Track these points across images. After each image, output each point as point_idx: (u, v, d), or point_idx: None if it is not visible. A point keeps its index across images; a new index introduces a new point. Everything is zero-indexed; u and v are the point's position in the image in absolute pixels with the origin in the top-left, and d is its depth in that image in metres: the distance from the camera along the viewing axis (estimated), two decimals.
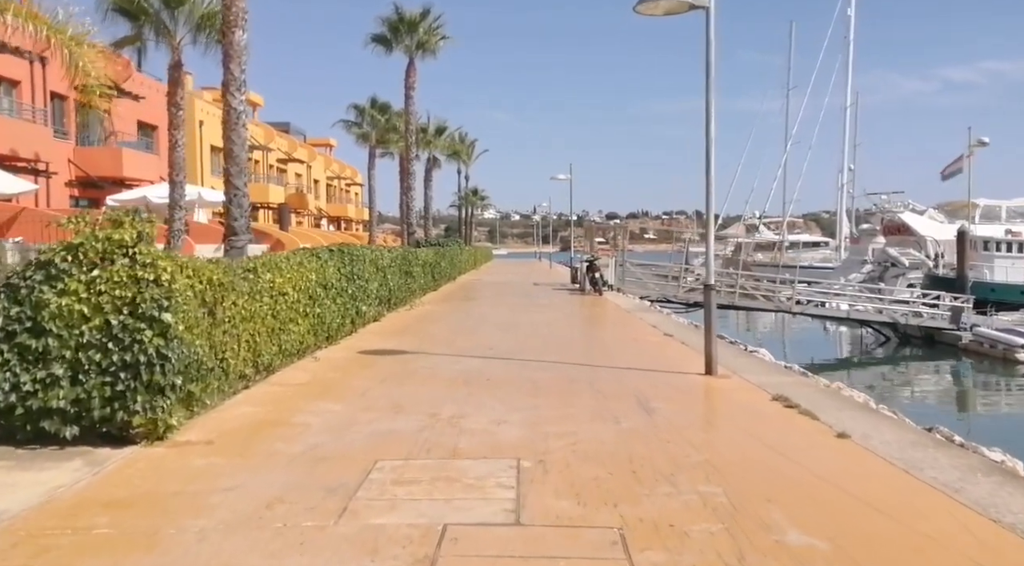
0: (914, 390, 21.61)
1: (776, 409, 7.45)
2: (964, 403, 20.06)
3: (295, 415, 7.01)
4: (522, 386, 8.53)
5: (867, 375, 24.16)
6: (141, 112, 28.81)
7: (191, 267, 6.50)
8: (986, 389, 22.01)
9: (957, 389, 22.02)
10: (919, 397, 20.37)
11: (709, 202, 9.59)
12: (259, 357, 8.21)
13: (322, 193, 58.13)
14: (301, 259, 10.05)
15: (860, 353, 30.33)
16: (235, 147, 15.01)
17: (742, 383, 8.93)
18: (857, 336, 33.00)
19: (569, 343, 12.37)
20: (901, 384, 22.70)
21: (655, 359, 10.78)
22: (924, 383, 22.89)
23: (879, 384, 22.18)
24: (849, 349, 31.73)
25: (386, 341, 12.26)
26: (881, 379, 23.66)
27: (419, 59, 30.60)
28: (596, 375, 9.31)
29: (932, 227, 41.36)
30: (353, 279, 12.40)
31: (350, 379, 8.92)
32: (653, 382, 8.87)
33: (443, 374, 9.29)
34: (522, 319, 16.18)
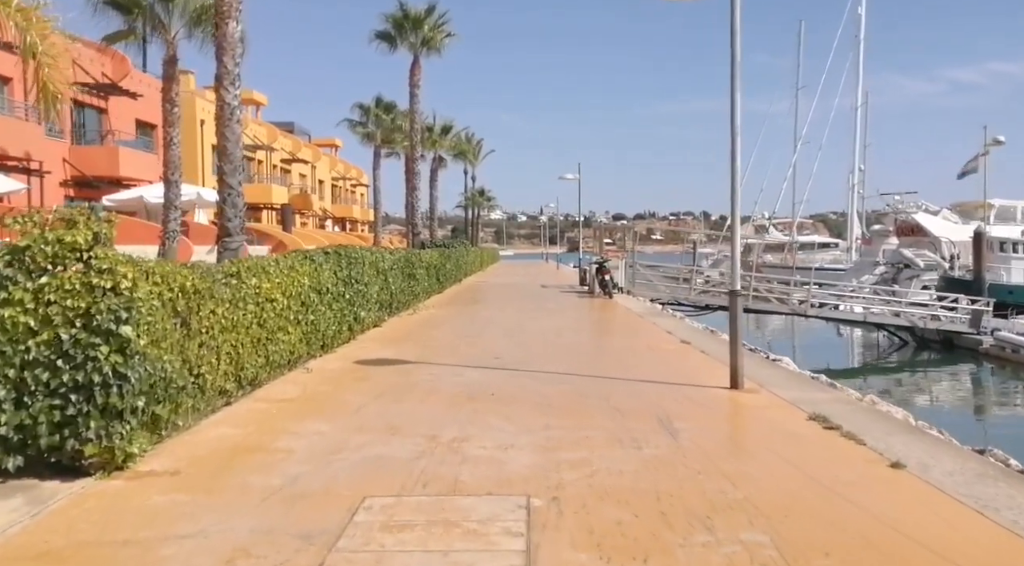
0: (937, 398, 20.74)
1: (815, 431, 6.68)
2: (993, 413, 19.16)
3: (277, 438, 6.27)
4: (531, 402, 7.78)
5: (886, 381, 23.31)
6: (140, 111, 28.19)
7: (159, 273, 5.77)
8: (1013, 397, 21.13)
9: (983, 397, 21.12)
10: (944, 405, 19.51)
11: (734, 200, 8.82)
12: (242, 370, 7.48)
13: (327, 194, 57.46)
14: (292, 262, 9.32)
15: (876, 358, 29.45)
16: (229, 144, 14.33)
17: (772, 399, 8.15)
18: (871, 339, 32.11)
19: (580, 351, 11.62)
20: (923, 391, 21.82)
21: (673, 370, 10.02)
22: (947, 391, 22.00)
23: (899, 391, 21.32)
24: (864, 353, 30.83)
25: (386, 349, 11.53)
26: (898, 385, 22.80)
27: (424, 57, 29.94)
28: (611, 389, 8.55)
29: (946, 228, 40.41)
30: (351, 283, 11.67)
31: (343, 394, 8.18)
32: (674, 397, 8.10)
33: (445, 388, 8.54)
34: (530, 324, 15.43)
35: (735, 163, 8.74)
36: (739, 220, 9.02)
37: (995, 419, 18.36)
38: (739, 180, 8.83)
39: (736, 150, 8.72)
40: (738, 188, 8.85)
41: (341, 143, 62.12)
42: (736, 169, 8.75)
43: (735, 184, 8.82)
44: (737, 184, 8.82)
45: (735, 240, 9.00)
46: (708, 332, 15.47)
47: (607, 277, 22.79)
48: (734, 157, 8.72)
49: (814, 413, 7.20)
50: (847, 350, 31.94)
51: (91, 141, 26.75)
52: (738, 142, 8.75)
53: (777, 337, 32.99)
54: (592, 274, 24.38)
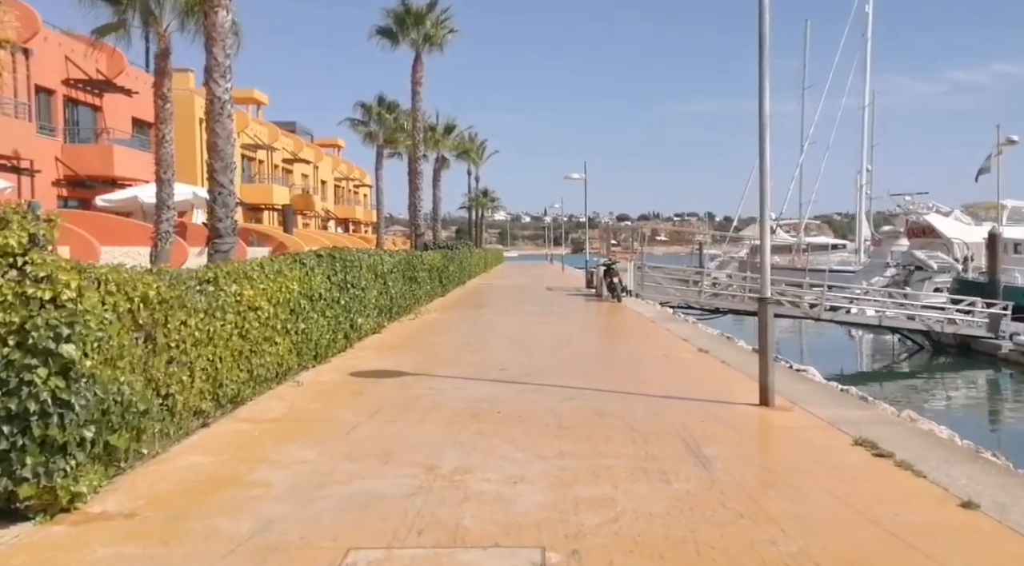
0: (964, 408, 19.88)
1: (864, 460, 5.90)
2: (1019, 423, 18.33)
3: (255, 468, 5.51)
4: (541, 422, 7.02)
5: (905, 388, 22.48)
6: (136, 108, 27.43)
7: (114, 280, 5.01)
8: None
9: (1011, 407, 20.25)
10: (974, 417, 18.66)
11: (764, 196, 8.05)
12: (221, 388, 6.72)
13: (329, 194, 56.73)
14: (280, 266, 8.56)
15: (891, 362, 28.61)
16: (219, 140, 13.59)
17: (807, 418, 7.37)
18: (883, 343, 31.29)
19: (592, 361, 10.85)
20: (947, 400, 20.96)
21: (694, 383, 9.24)
22: (972, 400, 21.15)
23: (920, 399, 20.50)
24: (878, 358, 29.98)
25: (384, 358, 10.77)
26: (915, 391, 21.96)
27: (426, 53, 29.19)
28: (629, 406, 7.78)
29: (959, 229, 39.59)
30: (346, 288, 10.92)
31: (334, 411, 7.42)
32: (699, 416, 7.33)
33: (447, 404, 7.78)
34: (537, 330, 14.66)
35: (764, 166, 8.00)
36: (768, 224, 8.23)
37: (1017, 427, 17.57)
38: (767, 183, 8.08)
39: (765, 153, 7.99)
40: (767, 190, 8.09)
41: (344, 143, 61.43)
42: (765, 172, 8.02)
43: (764, 187, 8.08)
44: (766, 186, 8.07)
45: (764, 244, 8.21)
46: (724, 339, 14.68)
47: (616, 280, 22.00)
48: (763, 159, 7.99)
49: (859, 437, 6.43)
50: (859, 354, 31.10)
51: (85, 139, 26.04)
52: (767, 145, 8.02)
53: (784, 340, 32.18)
54: (600, 276, 23.61)
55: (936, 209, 40.81)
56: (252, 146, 39.50)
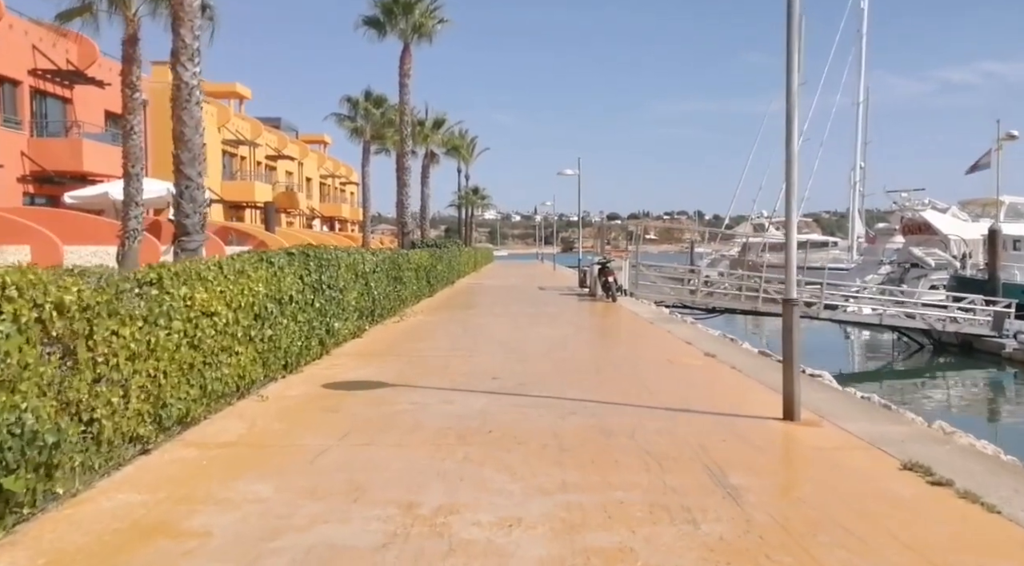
0: (971, 409, 19.12)
1: (922, 491, 5.01)
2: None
3: (195, 510, 4.55)
4: (539, 444, 6.09)
5: (907, 389, 21.71)
6: (109, 101, 26.20)
7: (15, 283, 4.05)
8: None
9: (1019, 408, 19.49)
10: (982, 419, 17.90)
11: (790, 201, 7.14)
12: (164, 408, 5.76)
13: (315, 192, 55.55)
14: (243, 266, 7.59)
15: (891, 362, 27.86)
16: (186, 129, 12.61)
17: (840, 435, 6.48)
18: (879, 341, 30.59)
19: (591, 368, 9.93)
20: (952, 402, 20.20)
21: (706, 393, 8.34)
22: (979, 401, 20.39)
23: (925, 401, 19.73)
24: (876, 357, 29.24)
25: (363, 367, 9.81)
26: (921, 393, 21.18)
27: (415, 44, 28.16)
28: (638, 421, 6.87)
29: (956, 226, 38.95)
30: (322, 289, 9.96)
31: (300, 433, 6.46)
32: (718, 434, 6.43)
33: (431, 422, 6.84)
34: (530, 333, 13.73)
35: (791, 164, 7.14)
36: (795, 222, 7.33)
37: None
38: (795, 181, 7.20)
39: (792, 151, 7.15)
40: (794, 189, 7.20)
41: (330, 140, 60.28)
42: (792, 170, 7.16)
43: (790, 185, 7.19)
44: (793, 185, 7.19)
45: (791, 241, 7.31)
46: (728, 341, 13.81)
47: (610, 279, 21.11)
48: (789, 158, 7.14)
49: (908, 460, 5.54)
50: (857, 353, 30.36)
51: (54, 133, 24.85)
52: (795, 144, 7.20)
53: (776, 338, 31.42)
54: (594, 275, 22.72)
55: (932, 205, 40.14)
56: (234, 142, 38.36)
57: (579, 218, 35.78)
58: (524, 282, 32.64)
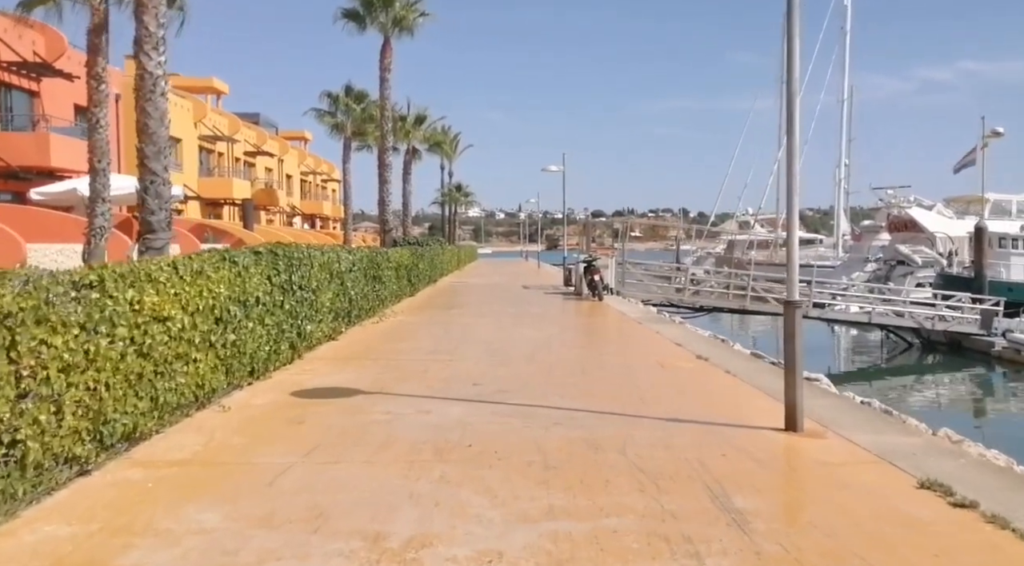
0: (963, 409, 18.82)
1: (945, 514, 4.54)
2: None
3: (130, 545, 3.99)
4: (523, 460, 5.57)
5: (897, 389, 21.41)
6: (79, 94, 25.27)
7: None
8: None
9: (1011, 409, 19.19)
10: (974, 419, 17.60)
11: (792, 188, 6.65)
12: (106, 424, 5.18)
13: (295, 189, 54.65)
14: (202, 266, 7.01)
15: (879, 361, 27.60)
16: (151, 121, 11.95)
17: (848, 448, 6.01)
18: (866, 340, 30.36)
19: (579, 372, 9.42)
20: (944, 402, 19.90)
21: (701, 400, 7.86)
22: (970, 401, 20.10)
23: (916, 401, 19.42)
24: (863, 356, 28.98)
25: (336, 372, 9.25)
26: (911, 393, 20.90)
27: (395, 38, 27.49)
28: (629, 433, 6.37)
29: (942, 223, 38.86)
30: (292, 290, 9.38)
31: (261, 449, 5.90)
32: (717, 447, 5.94)
33: (405, 435, 6.30)
34: (514, 334, 13.20)
35: (792, 160, 6.66)
36: (796, 219, 6.83)
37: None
38: (796, 177, 6.70)
39: (793, 146, 6.66)
40: (795, 185, 6.70)
41: (311, 136, 59.40)
42: (793, 167, 6.67)
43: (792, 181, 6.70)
44: (794, 181, 6.69)
45: (792, 239, 6.82)
46: (719, 342, 13.35)
47: (596, 277, 20.62)
48: (791, 153, 6.66)
49: (925, 478, 5.08)
50: (844, 352, 30.09)
51: (20, 127, 23.95)
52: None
53: (761, 337, 31.13)
54: (579, 274, 22.23)
55: (918, 203, 40.03)
56: (211, 138, 37.48)
57: (564, 215, 35.25)
58: (508, 280, 32.11)
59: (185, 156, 34.84)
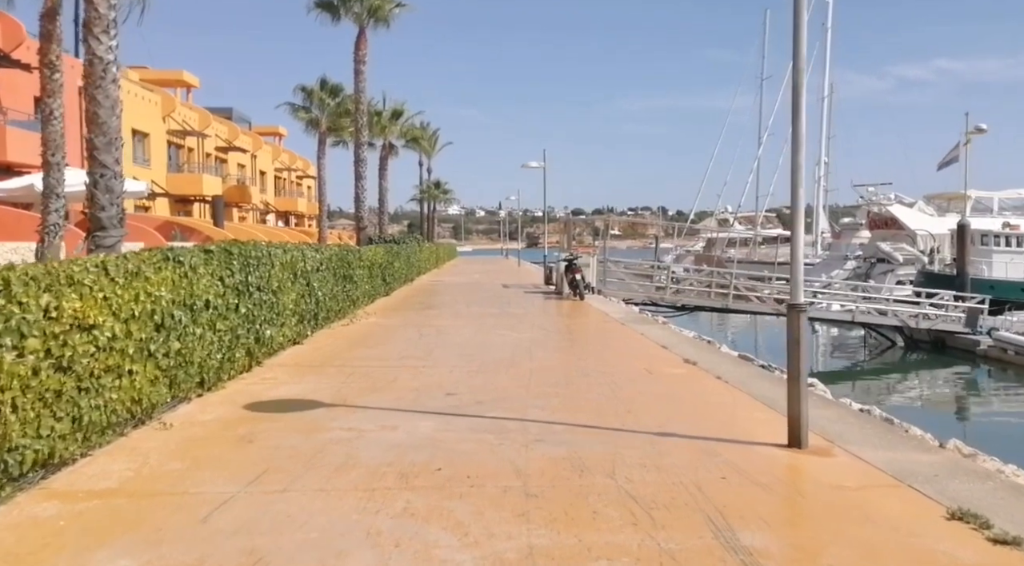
0: (950, 409, 18.44)
1: (984, 554, 3.94)
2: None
3: None
4: (500, 486, 4.91)
5: (882, 389, 21.03)
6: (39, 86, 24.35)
7: None
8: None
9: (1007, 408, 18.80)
10: (962, 420, 17.20)
11: (796, 176, 6.03)
12: (11, 451, 4.44)
13: (269, 186, 53.49)
14: (139, 266, 6.26)
15: (862, 360, 27.26)
16: (101, 110, 11.12)
17: (859, 468, 5.41)
18: (846, 338, 30.05)
19: (561, 380, 8.76)
20: (931, 402, 19.52)
21: (693, 411, 7.24)
22: (957, 401, 19.75)
23: (903, 401, 19.04)
24: (845, 354, 28.63)
25: (297, 381, 8.52)
26: (896, 393, 20.53)
27: (371, 29, 26.71)
28: (617, 451, 5.73)
29: (923, 220, 38.72)
30: (248, 292, 8.63)
31: (200, 475, 5.18)
32: (715, 468, 5.32)
33: (367, 457, 5.61)
34: (492, 338, 12.52)
35: (797, 150, 6.03)
36: (802, 214, 6.21)
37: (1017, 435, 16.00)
38: (801, 170, 6.08)
39: (800, 141, 6.03)
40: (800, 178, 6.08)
41: (286, 131, 58.23)
42: (799, 158, 6.04)
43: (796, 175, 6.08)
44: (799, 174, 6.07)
45: (797, 237, 6.20)
46: (706, 344, 12.77)
47: (578, 276, 20.00)
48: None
49: (955, 507, 4.49)
50: (824, 351, 29.73)
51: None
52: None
53: (743, 336, 30.73)
54: (560, 273, 21.60)
55: (899, 200, 39.87)
56: (180, 132, 36.38)
57: (544, 213, 34.61)
58: (487, 279, 31.41)
59: (153, 151, 33.77)
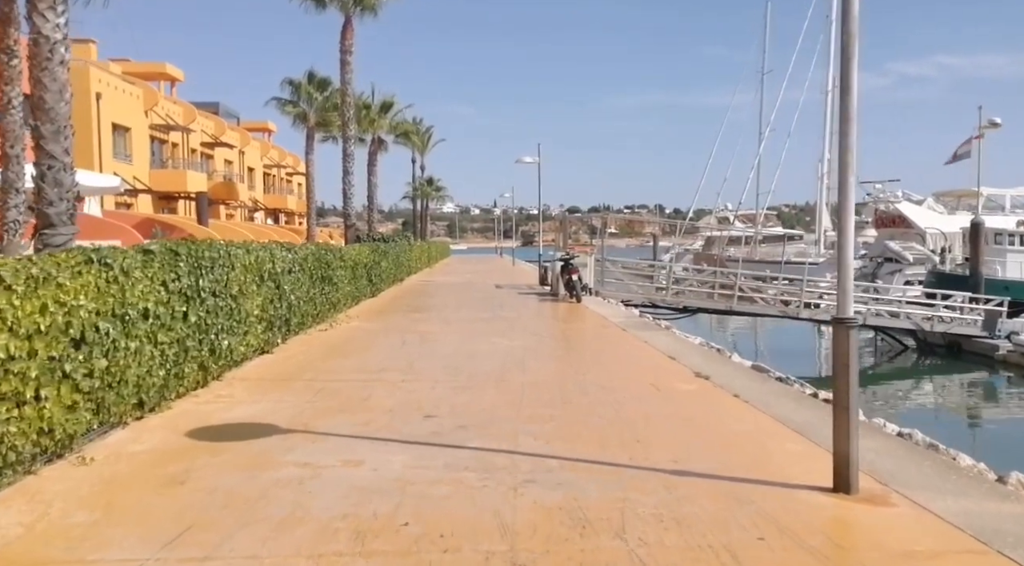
0: (973, 423, 17.40)
1: None
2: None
3: None
4: (480, 554, 3.86)
5: (896, 398, 19.99)
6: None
7: None
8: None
9: None
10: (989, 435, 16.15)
11: (845, 158, 4.97)
12: None
13: (258, 183, 52.26)
14: (49, 269, 5.18)
15: (873, 365, 26.21)
16: (48, 95, 10.05)
17: (928, 523, 4.37)
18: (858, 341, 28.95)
19: (557, 399, 7.69)
20: (951, 414, 18.46)
21: (711, 439, 6.17)
22: (980, 412, 18.68)
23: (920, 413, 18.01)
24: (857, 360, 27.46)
25: (255, 400, 7.45)
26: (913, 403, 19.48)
27: (357, 18, 25.62)
28: (626, 497, 4.68)
29: (932, 218, 37.67)
30: (200, 297, 7.54)
31: (106, 534, 4.10)
32: (750, 523, 4.27)
33: (319, 506, 4.54)
34: (481, 346, 11.45)
35: (847, 129, 4.99)
36: (852, 213, 5.12)
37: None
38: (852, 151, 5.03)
39: (850, 142, 4.98)
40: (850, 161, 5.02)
41: (275, 127, 57.02)
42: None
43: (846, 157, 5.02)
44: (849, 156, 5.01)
45: (846, 241, 5.13)
46: (716, 353, 11.72)
47: (574, 277, 18.94)
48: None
49: None
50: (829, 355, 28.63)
51: None
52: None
53: (741, 338, 29.73)
54: (556, 273, 20.54)
55: (907, 198, 38.81)
56: (164, 127, 35.21)
57: (539, 210, 33.52)
58: (480, 279, 30.34)
59: (135, 146, 32.61)
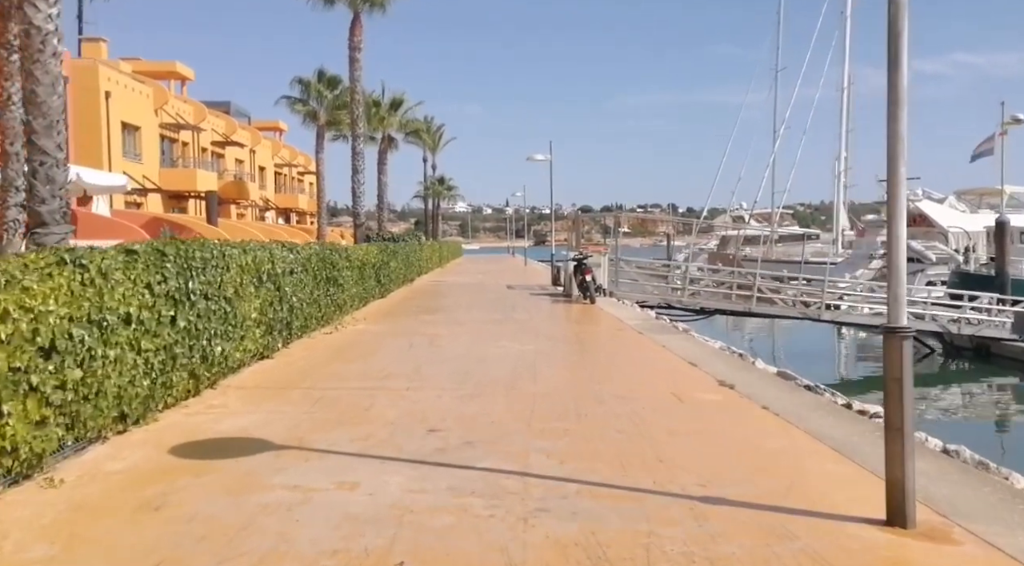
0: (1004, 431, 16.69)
1: None
2: None
3: None
4: None
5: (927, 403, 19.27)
6: None
7: None
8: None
9: None
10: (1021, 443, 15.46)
11: (896, 147, 4.41)
12: None
13: (269, 182, 52.00)
14: (13, 272, 4.71)
15: None
16: (40, 88, 9.67)
17: (997, 563, 3.79)
18: (875, 343, 28.20)
19: (571, 412, 7.16)
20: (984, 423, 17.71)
21: (743, 460, 5.61)
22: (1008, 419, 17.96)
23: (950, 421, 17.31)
24: (877, 362, 26.78)
25: (249, 410, 6.96)
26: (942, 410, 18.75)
27: (366, 14, 25.19)
28: (651, 531, 4.14)
29: (955, 217, 36.80)
30: (189, 301, 7.07)
31: None
32: (792, 562, 3.71)
33: (305, 539, 4.03)
34: (491, 350, 10.92)
35: (897, 123, 4.42)
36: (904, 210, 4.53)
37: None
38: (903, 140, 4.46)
39: (900, 128, 4.43)
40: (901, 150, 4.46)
41: (286, 126, 56.75)
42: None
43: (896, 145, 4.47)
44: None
45: (897, 240, 4.54)
46: (738, 358, 11.15)
47: (588, 277, 18.39)
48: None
49: None
50: (851, 358, 27.94)
51: None
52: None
53: (758, 340, 29.06)
54: (569, 273, 20.00)
55: (928, 196, 37.96)
56: (174, 126, 34.95)
57: (551, 209, 32.99)
58: (492, 280, 29.83)
59: (144, 145, 32.35)
